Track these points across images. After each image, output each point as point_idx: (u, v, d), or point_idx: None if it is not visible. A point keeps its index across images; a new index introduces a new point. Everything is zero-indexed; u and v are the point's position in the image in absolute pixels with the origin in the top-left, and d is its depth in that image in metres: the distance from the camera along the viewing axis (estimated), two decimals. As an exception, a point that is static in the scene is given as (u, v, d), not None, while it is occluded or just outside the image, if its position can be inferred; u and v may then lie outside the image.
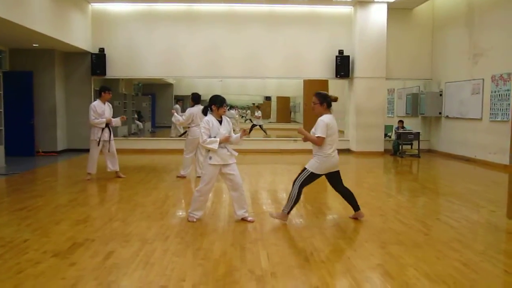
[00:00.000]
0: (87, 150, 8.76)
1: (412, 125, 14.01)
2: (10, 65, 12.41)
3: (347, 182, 9.05)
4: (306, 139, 5.35)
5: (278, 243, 4.64)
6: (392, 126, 14.35)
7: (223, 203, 6.56)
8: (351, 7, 13.50)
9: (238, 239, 4.78)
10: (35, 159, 11.73)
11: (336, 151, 5.38)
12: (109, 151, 8.49)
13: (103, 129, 8.35)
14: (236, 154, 5.50)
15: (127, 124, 18.25)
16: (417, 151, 12.70)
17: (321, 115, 5.35)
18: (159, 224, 5.34)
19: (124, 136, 16.29)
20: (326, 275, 3.75)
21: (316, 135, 5.22)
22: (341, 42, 13.58)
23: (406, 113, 15.02)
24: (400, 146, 12.79)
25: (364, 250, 4.42)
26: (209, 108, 5.47)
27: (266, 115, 30.12)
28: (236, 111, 20.90)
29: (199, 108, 8.38)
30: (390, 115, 16.47)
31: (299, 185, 5.32)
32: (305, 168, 5.36)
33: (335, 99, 5.47)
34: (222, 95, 5.54)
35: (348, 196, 5.61)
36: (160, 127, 21.81)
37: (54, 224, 5.33)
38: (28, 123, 12.03)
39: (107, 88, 8.55)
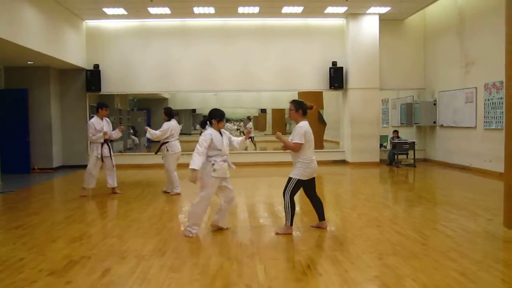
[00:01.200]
0: (83, 166, 8.75)
1: (407, 134, 14.07)
2: (5, 83, 12.42)
3: (343, 193, 9.13)
4: (285, 146, 5.50)
5: (275, 256, 4.63)
6: (387, 136, 14.41)
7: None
8: (343, 19, 13.64)
9: (235, 253, 4.76)
10: (30, 176, 11.69)
11: (315, 157, 5.54)
12: (112, 167, 8.51)
13: (102, 144, 8.34)
14: (234, 167, 5.60)
15: (123, 140, 18.23)
16: (412, 161, 12.75)
17: (297, 122, 5.52)
18: (156, 240, 5.31)
19: (120, 152, 16.26)
20: (323, 288, 3.74)
21: (294, 141, 5.36)
22: (334, 53, 13.69)
23: (401, 123, 15.09)
24: (396, 156, 12.83)
25: (361, 262, 4.41)
26: (208, 122, 5.50)
27: (261, 128, 30.18)
28: (233, 124, 20.91)
29: (175, 122, 8.55)
30: (384, 125, 16.55)
31: (289, 195, 5.45)
32: (290, 178, 5.49)
33: (311, 107, 5.64)
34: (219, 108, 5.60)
35: (319, 205, 5.74)
36: (156, 142, 21.78)
37: (50, 242, 5.30)
38: (24, 140, 12.00)
39: (104, 105, 8.58)
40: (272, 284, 3.84)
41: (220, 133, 5.49)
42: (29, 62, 11.83)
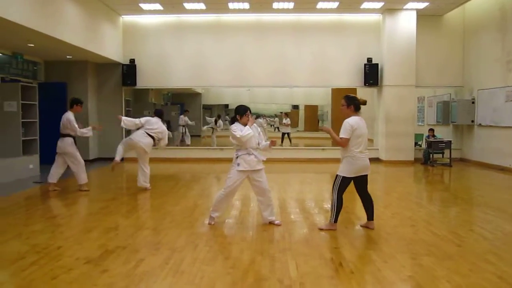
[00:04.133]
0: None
1: (443, 133, 13.74)
2: (45, 76, 12.81)
3: (377, 191, 9.00)
4: (333, 140, 5.49)
5: (307, 252, 4.61)
6: (422, 134, 14.11)
7: (252, 212, 6.57)
8: (380, 14, 13.41)
9: (267, 248, 4.77)
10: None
11: (366, 154, 5.41)
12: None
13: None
14: (264, 158, 5.65)
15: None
16: (448, 160, 12.44)
17: (348, 117, 5.40)
18: (189, 233, 5.38)
19: (154, 146, 16.53)
20: (355, 286, 3.70)
21: (340, 136, 5.31)
22: (369, 50, 13.49)
23: (437, 122, 14.74)
24: (431, 155, 12.55)
25: (395, 262, 4.34)
26: (236, 118, 5.63)
27: (294, 124, 30.11)
28: (264, 119, 20.83)
29: (156, 120, 8.37)
30: (420, 124, 16.20)
31: (336, 192, 5.40)
32: (337, 175, 5.43)
33: (364, 103, 5.58)
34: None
35: (369, 203, 5.62)
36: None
37: (86, 232, 5.45)
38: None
39: (80, 101, 8.43)
40: (304, 280, 3.83)
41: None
42: (68, 57, 12.16)
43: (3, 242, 4.96)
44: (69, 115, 8.24)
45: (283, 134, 18.25)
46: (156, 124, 8.33)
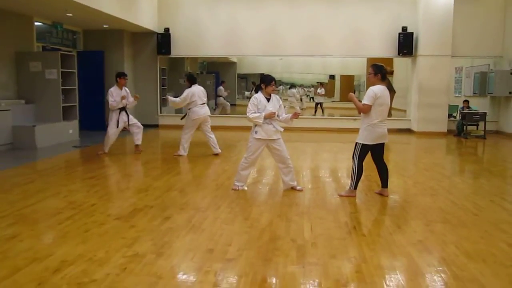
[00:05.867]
0: (154, 126, 9.23)
1: (480, 105, 13.42)
2: (83, 45, 13.26)
3: (404, 162, 9.03)
4: (356, 107, 5.56)
5: (323, 216, 4.81)
6: (457, 106, 13.84)
7: (275, 178, 6.78)
8: (417, -18, 13.05)
9: (285, 211, 5.00)
10: (105, 133, 12.53)
11: (385, 123, 5.51)
12: (134, 129, 8.90)
13: (120, 112, 8.68)
14: (282, 130, 5.79)
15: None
16: (482, 132, 12.20)
17: (374, 85, 5.48)
18: (213, 195, 5.67)
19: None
20: (364, 248, 3.89)
21: (363, 103, 5.41)
22: (404, 18, 13.21)
23: (474, 93, 14.38)
24: (465, 127, 12.33)
25: (407, 227, 4.50)
26: (260, 86, 5.76)
27: (330, 94, 29.82)
28: (300, 89, 20.76)
29: (197, 87, 8.46)
30: (457, 95, 15.84)
31: (356, 159, 5.56)
32: (356, 142, 5.59)
33: (391, 72, 5.57)
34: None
35: (383, 172, 5.73)
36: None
37: (119, 192, 5.85)
38: (100, 99, 12.79)
39: (123, 74, 8.79)
40: (316, 241, 4.05)
41: (269, 99, 5.72)
42: (105, 26, 12.50)
43: (43, 199, 5.40)
44: (110, 90, 8.69)
45: (317, 104, 18.27)
46: (198, 94, 8.43)
